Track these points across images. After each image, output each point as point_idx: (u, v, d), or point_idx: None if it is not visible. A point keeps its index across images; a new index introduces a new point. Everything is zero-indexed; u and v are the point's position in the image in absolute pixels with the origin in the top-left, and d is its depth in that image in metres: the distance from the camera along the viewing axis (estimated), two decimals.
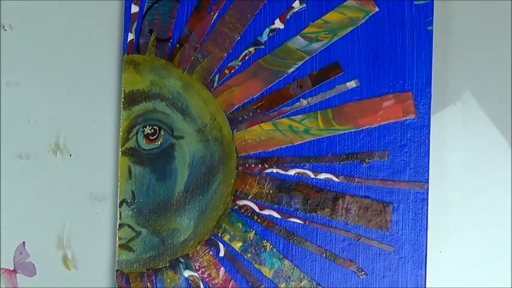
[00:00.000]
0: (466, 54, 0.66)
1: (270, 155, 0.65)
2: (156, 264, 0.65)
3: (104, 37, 0.67)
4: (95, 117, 0.67)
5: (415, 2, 0.64)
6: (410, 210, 0.64)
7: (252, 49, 0.65)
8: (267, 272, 0.65)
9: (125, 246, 0.65)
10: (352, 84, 0.65)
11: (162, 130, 0.65)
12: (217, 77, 0.65)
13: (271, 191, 0.65)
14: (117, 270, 0.65)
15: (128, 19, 0.66)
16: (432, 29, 0.64)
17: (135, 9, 0.66)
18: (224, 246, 0.65)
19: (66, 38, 0.67)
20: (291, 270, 0.65)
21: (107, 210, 0.67)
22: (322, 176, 0.65)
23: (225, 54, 0.65)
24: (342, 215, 0.65)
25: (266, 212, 0.65)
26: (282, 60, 0.65)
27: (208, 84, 0.66)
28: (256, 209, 0.65)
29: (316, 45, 0.65)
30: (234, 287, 0.65)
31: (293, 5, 0.65)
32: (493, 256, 0.66)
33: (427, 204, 0.64)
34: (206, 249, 0.65)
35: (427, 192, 0.64)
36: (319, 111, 0.65)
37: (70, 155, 0.67)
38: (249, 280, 0.65)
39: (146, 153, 0.65)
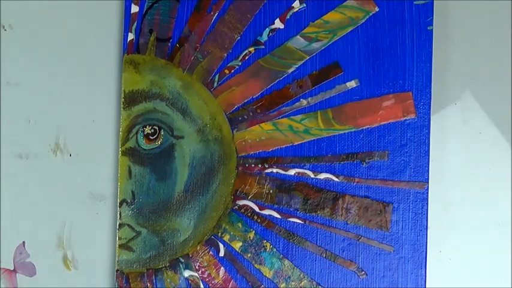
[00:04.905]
0: (466, 54, 0.66)
1: (270, 155, 0.65)
2: (156, 264, 0.65)
3: (104, 37, 0.67)
4: (95, 117, 0.67)
5: (415, 2, 0.64)
6: (410, 210, 0.64)
7: (252, 49, 0.65)
8: (267, 272, 0.65)
9: (124, 246, 0.65)
10: (352, 84, 0.65)
11: (162, 130, 0.65)
12: (217, 77, 0.65)
13: (271, 191, 0.65)
14: (117, 270, 0.65)
15: (127, 19, 0.66)
16: (432, 29, 0.64)
17: (135, 9, 0.66)
18: (224, 246, 0.65)
19: (66, 38, 0.67)
20: (291, 270, 0.65)
21: (107, 210, 0.67)
22: (322, 176, 0.65)
23: (225, 54, 0.65)
24: (342, 215, 0.65)
25: (266, 212, 0.65)
26: (282, 60, 0.65)
27: (208, 84, 0.66)
28: (256, 209, 0.65)
29: (316, 45, 0.65)
30: (234, 287, 0.65)
31: (293, 5, 0.65)
32: (493, 256, 0.66)
33: (427, 204, 0.64)
34: (206, 249, 0.65)
35: (427, 192, 0.64)
36: (319, 111, 0.65)
37: (70, 155, 0.67)
38: (249, 280, 0.65)
39: (146, 153, 0.65)
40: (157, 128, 0.65)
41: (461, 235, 0.66)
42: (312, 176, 0.65)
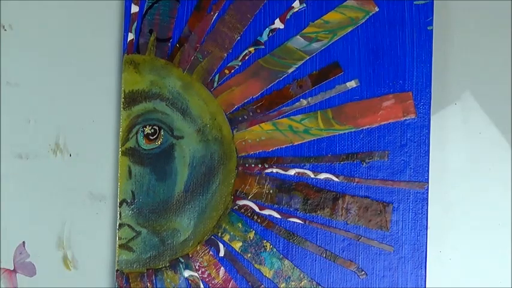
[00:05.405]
0: (466, 54, 0.66)
1: (270, 155, 0.65)
2: (156, 264, 0.65)
3: (104, 37, 0.67)
4: (95, 117, 0.67)
5: (415, 2, 0.64)
6: (410, 210, 0.64)
7: (252, 49, 0.65)
8: (267, 272, 0.65)
9: (124, 246, 0.65)
10: (352, 84, 0.65)
11: (162, 130, 0.65)
12: (217, 77, 0.65)
13: (271, 191, 0.65)
14: (117, 270, 0.65)
15: (127, 19, 0.66)
16: (432, 29, 0.64)
17: (135, 9, 0.66)
18: (224, 246, 0.65)
19: (66, 38, 0.67)
20: (291, 270, 0.65)
21: (107, 210, 0.67)
22: (322, 176, 0.65)
23: (225, 54, 0.65)
24: (342, 215, 0.65)
25: (266, 212, 0.65)
26: (282, 60, 0.65)
27: (208, 84, 0.66)
28: (256, 209, 0.65)
29: (316, 45, 0.65)
30: (234, 287, 0.65)
31: (293, 5, 0.65)
32: (493, 256, 0.66)
33: (427, 204, 0.64)
34: (206, 249, 0.65)
35: (427, 192, 0.64)
36: (319, 111, 0.65)
37: (70, 155, 0.67)
38: (249, 280, 0.65)
39: (146, 153, 0.65)
40: (157, 128, 0.65)
41: (461, 235, 0.66)
42: (312, 176, 0.65)
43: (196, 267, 0.65)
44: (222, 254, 0.65)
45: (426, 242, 0.64)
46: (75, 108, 0.67)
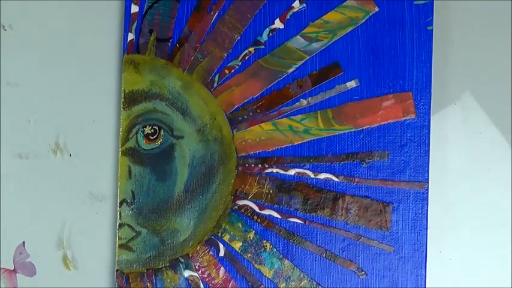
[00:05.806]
0: (466, 54, 0.66)
1: (270, 155, 0.65)
2: (156, 264, 0.65)
3: (104, 37, 0.67)
4: (95, 117, 0.67)
5: (415, 2, 0.64)
6: (410, 210, 0.64)
7: (252, 49, 0.65)
8: (267, 271, 0.65)
9: (124, 246, 0.65)
10: (352, 84, 0.65)
11: (162, 130, 0.65)
12: (217, 77, 0.65)
13: (271, 191, 0.65)
14: (117, 270, 0.65)
15: (127, 19, 0.66)
16: (432, 29, 0.64)
17: (135, 9, 0.66)
18: (224, 246, 0.65)
19: (66, 37, 0.67)
20: (291, 270, 0.65)
21: (107, 210, 0.67)
22: (322, 176, 0.65)
23: (225, 54, 0.65)
24: (341, 215, 0.65)
25: (266, 212, 0.65)
26: (282, 60, 0.65)
27: (208, 84, 0.66)
28: (256, 209, 0.65)
29: (316, 45, 0.65)
30: (234, 287, 0.65)
31: (293, 5, 0.65)
32: (493, 256, 0.66)
33: (427, 204, 0.64)
34: (206, 249, 0.65)
35: (427, 192, 0.64)
36: (319, 111, 0.65)
37: (70, 155, 0.67)
38: (249, 280, 0.65)
39: (146, 153, 0.65)
40: (157, 128, 0.65)
41: (461, 235, 0.66)
42: (312, 176, 0.65)
43: (196, 267, 0.65)
44: (222, 254, 0.65)
45: (426, 242, 0.64)
46: (75, 108, 0.67)
